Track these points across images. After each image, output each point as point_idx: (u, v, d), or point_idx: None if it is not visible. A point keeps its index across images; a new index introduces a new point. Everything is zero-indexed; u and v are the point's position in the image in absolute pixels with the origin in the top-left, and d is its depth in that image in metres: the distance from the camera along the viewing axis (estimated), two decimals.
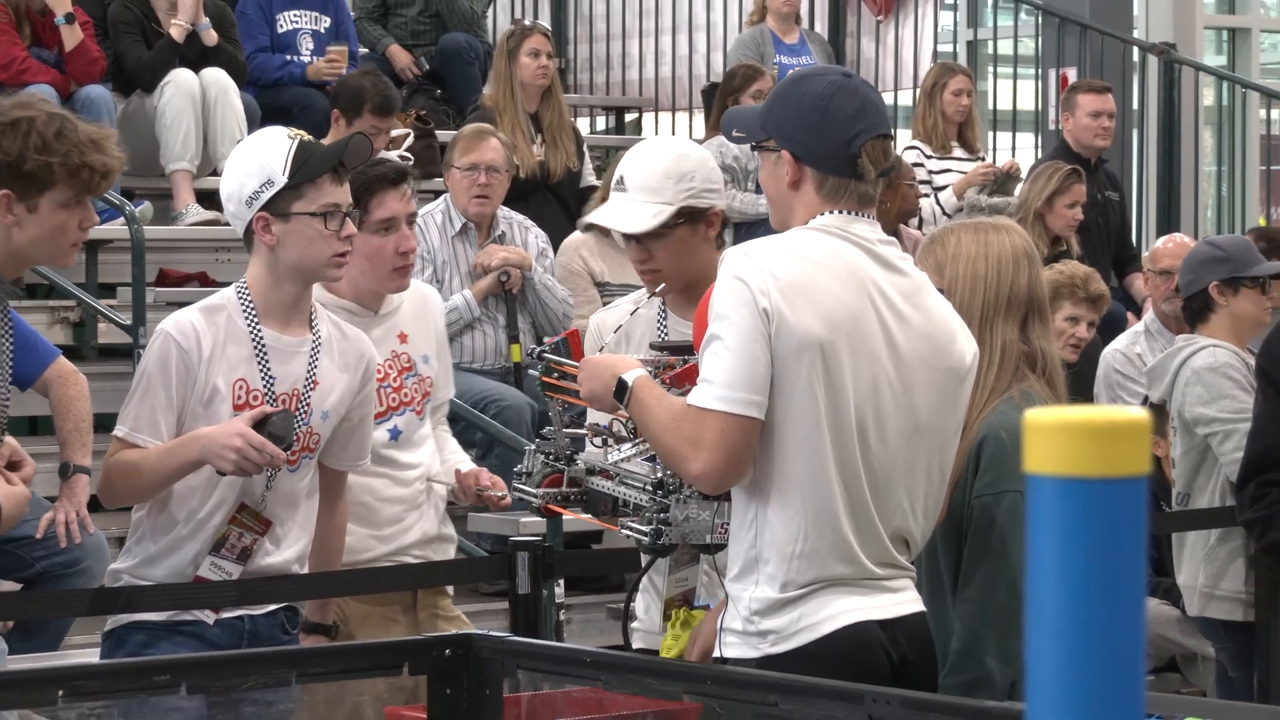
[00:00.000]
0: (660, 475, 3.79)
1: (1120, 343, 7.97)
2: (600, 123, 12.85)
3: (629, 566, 5.17)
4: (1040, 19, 12.03)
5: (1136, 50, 12.01)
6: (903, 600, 3.78)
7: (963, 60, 12.87)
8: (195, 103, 8.99)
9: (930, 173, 10.22)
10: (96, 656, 4.72)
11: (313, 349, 4.53)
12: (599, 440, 3.97)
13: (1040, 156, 10.72)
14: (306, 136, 4.52)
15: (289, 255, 4.45)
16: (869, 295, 3.70)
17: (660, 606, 4.29)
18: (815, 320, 3.63)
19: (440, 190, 8.19)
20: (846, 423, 3.66)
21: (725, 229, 4.80)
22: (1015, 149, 12.00)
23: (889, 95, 11.77)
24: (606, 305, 5.35)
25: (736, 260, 3.65)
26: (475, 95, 10.01)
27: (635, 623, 4.49)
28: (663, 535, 3.76)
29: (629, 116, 12.82)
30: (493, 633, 3.69)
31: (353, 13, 10.46)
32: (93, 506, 5.36)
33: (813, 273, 3.66)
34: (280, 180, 4.41)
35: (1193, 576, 6.34)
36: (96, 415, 5.59)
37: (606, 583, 7.60)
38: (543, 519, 5.87)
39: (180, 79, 8.99)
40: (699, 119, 11.89)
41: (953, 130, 10.36)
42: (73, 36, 8.79)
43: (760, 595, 3.68)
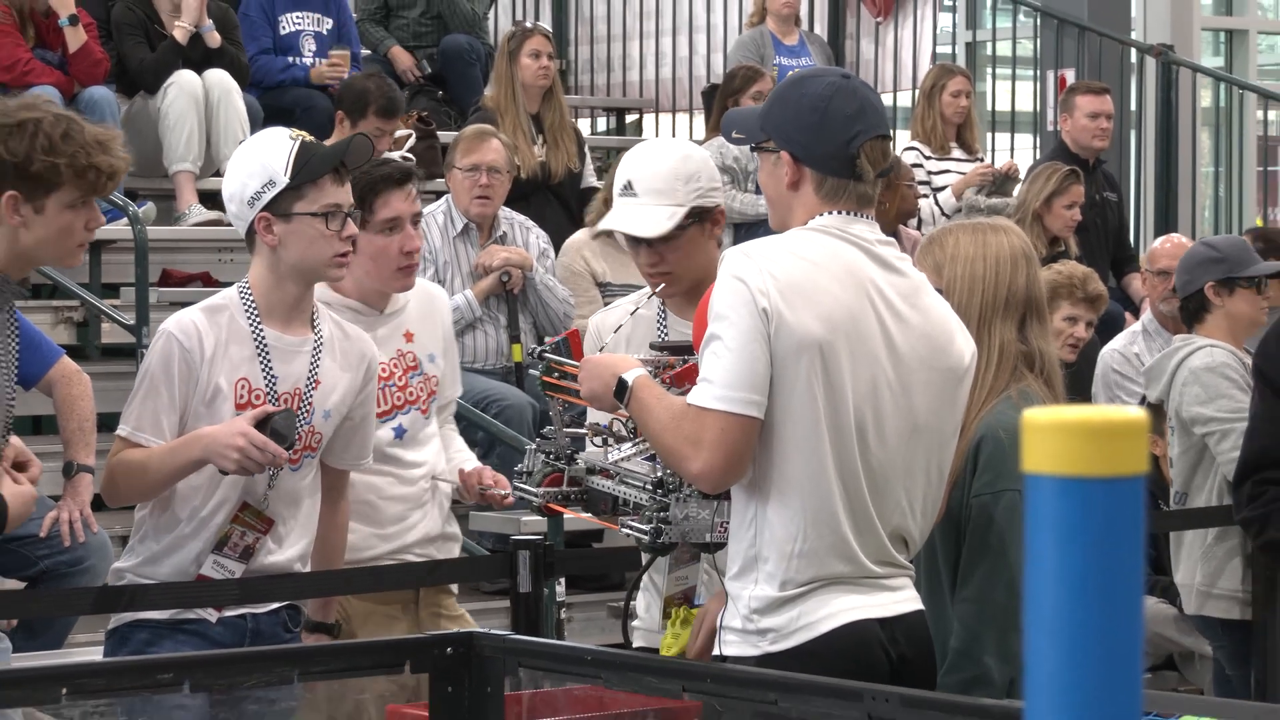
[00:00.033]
0: (660, 474, 3.79)
1: (1118, 342, 7.96)
2: (601, 124, 12.83)
3: (629, 565, 5.16)
4: (1039, 20, 12.00)
5: (1134, 51, 11.97)
6: (901, 599, 3.78)
7: (961, 62, 12.86)
8: (198, 104, 8.97)
9: (929, 173, 10.21)
10: (100, 655, 4.72)
11: (315, 348, 4.54)
12: (599, 440, 3.97)
13: (1039, 157, 10.71)
14: (308, 137, 4.52)
15: (290, 255, 4.45)
16: (868, 295, 3.70)
17: (660, 605, 4.28)
18: (814, 320, 3.63)
19: (442, 191, 8.19)
20: (845, 422, 3.66)
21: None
22: (1014, 150, 11.99)
23: (888, 96, 11.77)
24: (606, 306, 5.36)
25: (736, 261, 3.65)
26: (477, 96, 9.99)
27: (635, 621, 4.48)
28: (663, 534, 3.75)
29: (629, 118, 12.80)
30: (494, 631, 3.71)
31: (355, 14, 10.45)
32: (96, 505, 5.37)
33: (812, 273, 3.66)
34: (282, 181, 4.42)
35: (1190, 575, 6.33)
36: (100, 415, 5.57)
37: (607, 581, 7.58)
38: (544, 518, 5.88)
39: (183, 80, 8.98)
40: (699, 120, 11.88)
41: (951, 131, 10.35)
42: (76, 38, 8.78)
43: (759, 594, 3.68)
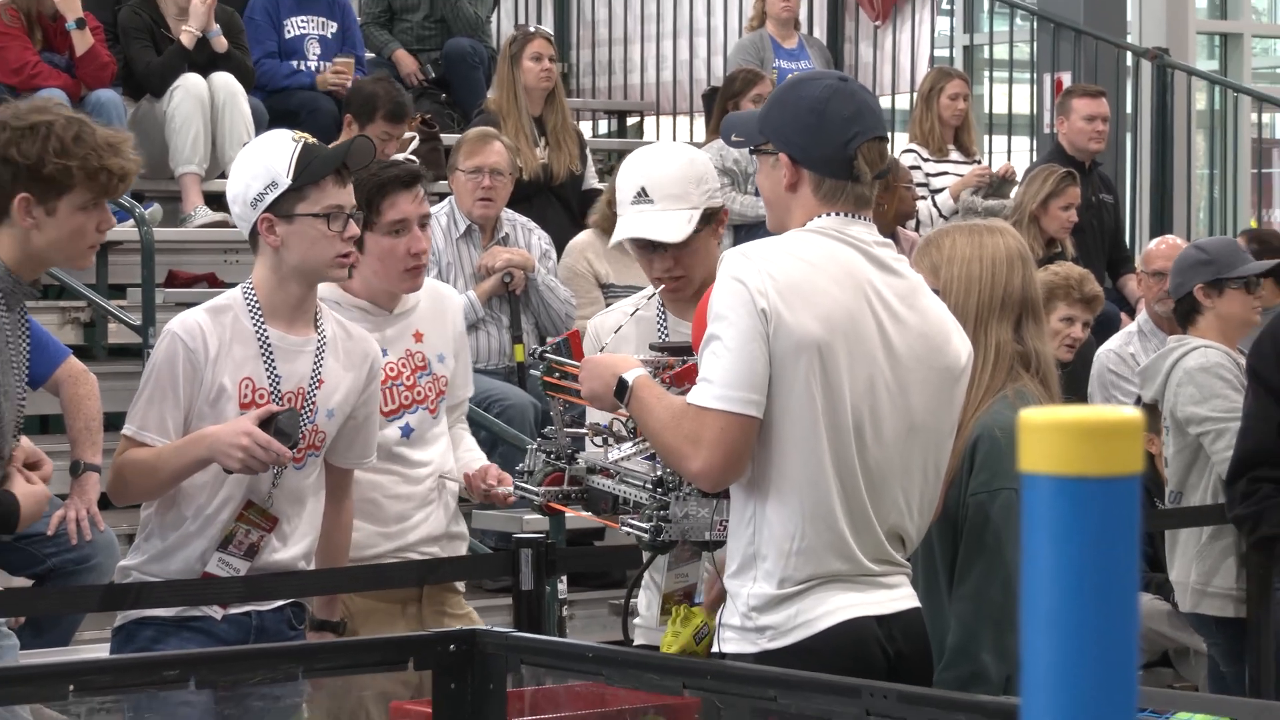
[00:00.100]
0: (660, 473, 3.79)
1: (1114, 343, 7.95)
2: (602, 126, 12.82)
3: (630, 563, 5.15)
4: (1035, 24, 11.98)
5: (1130, 55, 11.95)
6: (898, 596, 3.79)
7: (959, 65, 12.88)
8: (204, 107, 8.99)
9: (927, 175, 10.23)
10: (106, 652, 4.74)
11: (318, 348, 4.56)
12: (599, 439, 3.97)
13: (1035, 160, 10.69)
14: (310, 139, 4.54)
15: (293, 256, 4.47)
16: (865, 296, 3.71)
17: (660, 602, 4.29)
18: (813, 321, 3.64)
19: (445, 193, 8.21)
20: (843, 422, 3.67)
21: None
22: (1011, 152, 12.00)
23: (887, 99, 11.80)
24: (607, 308, 5.37)
25: (735, 262, 3.67)
26: (480, 99, 10.00)
27: (636, 618, 4.49)
28: (663, 532, 3.76)
29: (630, 120, 12.80)
30: (496, 628, 3.72)
31: (359, 18, 10.46)
32: (103, 504, 5.37)
33: (810, 274, 3.67)
34: (284, 182, 4.44)
35: (1185, 573, 6.32)
36: (106, 414, 5.58)
37: (608, 579, 7.58)
38: (545, 516, 5.90)
39: (189, 83, 9.01)
40: (699, 122, 11.90)
41: (949, 134, 10.37)
42: (83, 41, 8.80)
43: (758, 591, 3.69)
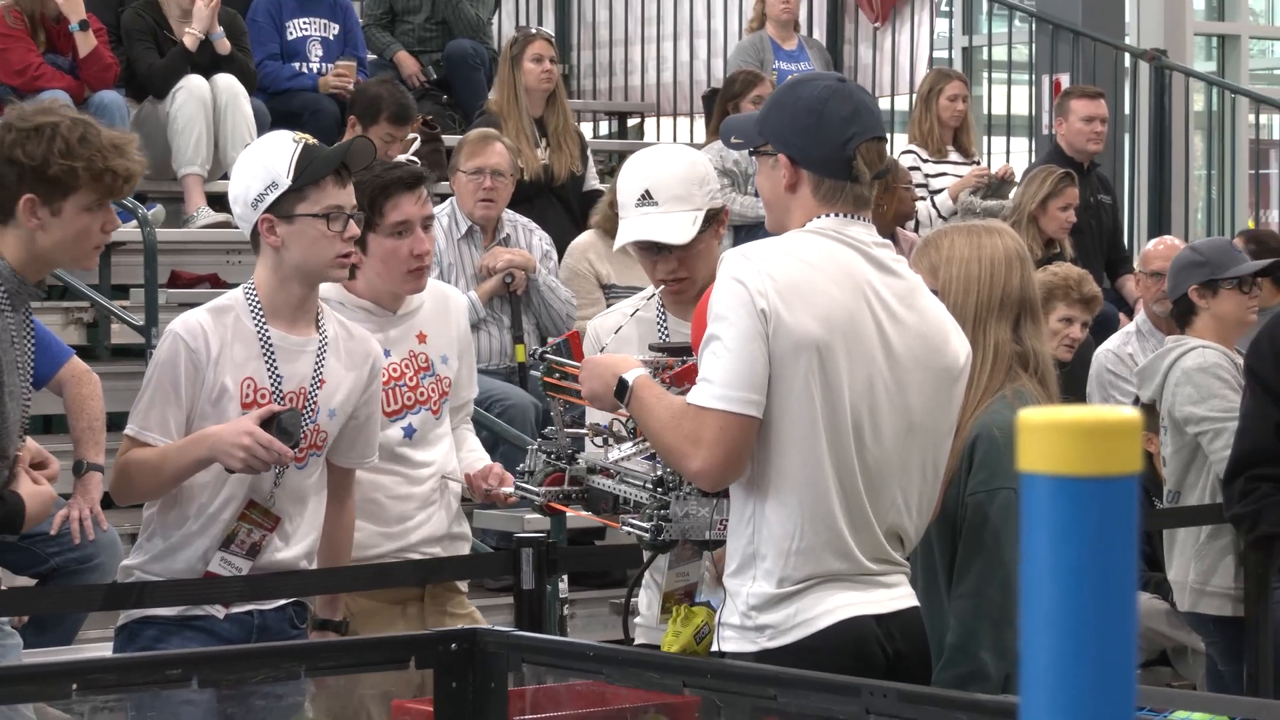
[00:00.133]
0: (660, 473, 3.79)
1: (1112, 343, 7.97)
2: (603, 127, 12.83)
3: (631, 562, 5.15)
4: (1034, 26, 11.98)
5: (1128, 56, 11.96)
6: (897, 595, 3.80)
7: (958, 66, 12.92)
8: (206, 108, 9.01)
9: (926, 176, 10.25)
10: (109, 651, 4.75)
11: (319, 348, 4.57)
12: (599, 439, 3.97)
13: (1034, 160, 10.70)
14: (311, 140, 4.55)
15: (293, 256, 4.48)
16: (864, 297, 3.72)
17: (661, 601, 4.28)
18: (812, 321, 3.65)
19: (446, 194, 8.24)
20: (842, 422, 3.68)
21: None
22: (1009, 153, 12.02)
23: (886, 100, 11.82)
24: (607, 309, 5.39)
25: (735, 262, 3.68)
26: (481, 100, 10.02)
27: (637, 618, 4.50)
28: (663, 531, 3.76)
29: (631, 122, 12.81)
30: (497, 627, 3.72)
31: (361, 20, 10.48)
32: (105, 504, 5.39)
33: (809, 275, 3.68)
34: (284, 183, 4.45)
35: (1183, 572, 6.32)
36: (110, 414, 5.61)
37: (609, 578, 7.58)
38: (546, 516, 5.91)
39: (192, 85, 9.03)
40: (699, 124, 11.92)
41: (948, 135, 10.39)
42: (87, 43, 8.82)
43: (757, 590, 3.70)
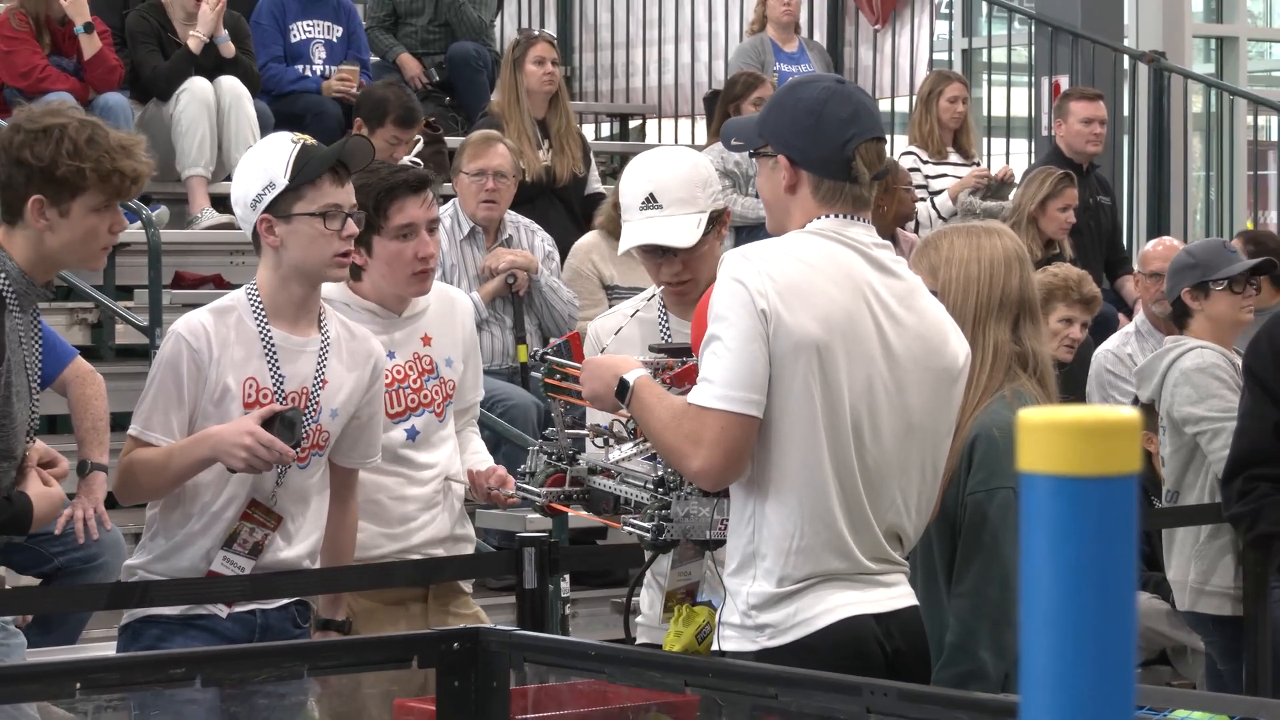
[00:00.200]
0: (661, 473, 3.80)
1: (1111, 343, 7.98)
2: (605, 129, 12.84)
3: (633, 562, 5.16)
4: (1033, 28, 11.99)
5: (1127, 58, 11.97)
6: (896, 595, 3.81)
7: (958, 68, 12.92)
8: (210, 110, 9.04)
9: (926, 178, 10.26)
10: (113, 650, 4.77)
11: (321, 348, 4.58)
12: (600, 440, 3.97)
13: (1033, 162, 10.70)
14: (310, 140, 4.56)
15: (291, 256, 4.49)
16: (864, 297, 3.73)
17: (663, 601, 4.33)
18: (812, 322, 3.66)
19: (449, 195, 8.27)
20: (842, 422, 3.68)
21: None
22: (1009, 154, 12.04)
23: (886, 102, 11.84)
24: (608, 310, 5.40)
25: (735, 263, 3.68)
26: (483, 102, 10.04)
27: (638, 617, 4.52)
28: (664, 531, 3.76)
29: (633, 123, 12.83)
30: (500, 627, 3.73)
31: (364, 22, 10.49)
32: (109, 503, 5.40)
33: (809, 275, 3.69)
34: (281, 182, 4.46)
35: (1183, 572, 6.33)
36: (114, 414, 5.61)
37: (611, 578, 7.58)
38: (548, 517, 5.92)
39: (195, 87, 9.05)
40: (700, 125, 11.93)
41: (948, 136, 10.40)
42: (91, 45, 8.84)
43: (757, 590, 3.71)
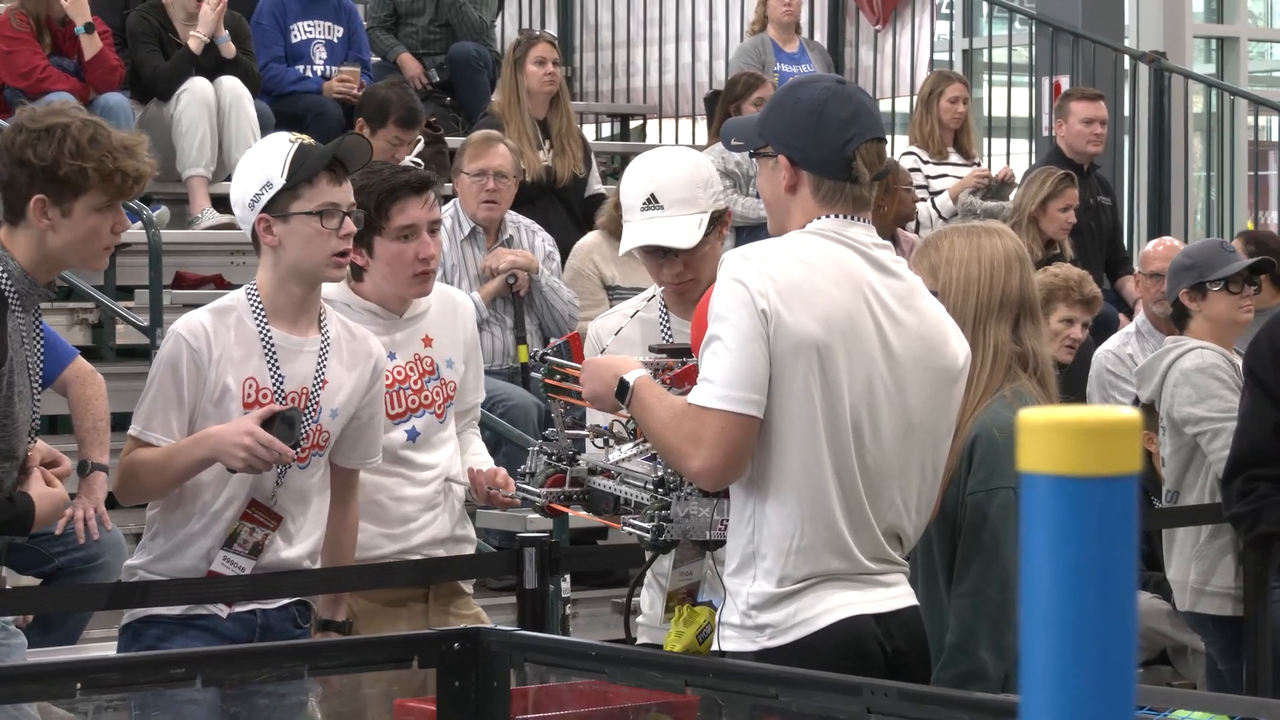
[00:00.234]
0: (661, 473, 3.80)
1: (1112, 343, 7.98)
2: (605, 129, 12.85)
3: (633, 562, 5.15)
4: (1034, 28, 12.00)
5: (1128, 59, 11.97)
6: (896, 594, 3.81)
7: (959, 68, 12.92)
8: (210, 111, 9.05)
9: (927, 178, 10.27)
10: (114, 650, 4.77)
11: (321, 348, 4.58)
12: (600, 441, 3.97)
13: (1034, 162, 10.71)
14: (308, 140, 4.57)
15: (289, 255, 4.49)
16: (864, 297, 3.73)
17: (663, 601, 4.29)
18: (812, 322, 3.66)
19: (449, 195, 8.28)
20: (842, 422, 3.69)
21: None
22: (1010, 155, 12.04)
23: (887, 102, 11.85)
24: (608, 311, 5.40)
25: (735, 263, 3.69)
26: (484, 103, 10.05)
27: (639, 617, 4.52)
28: (664, 532, 3.76)
29: (634, 123, 12.84)
30: (500, 627, 3.74)
31: (365, 22, 10.49)
32: (110, 503, 5.40)
33: (809, 275, 3.69)
34: (279, 182, 4.46)
35: (1183, 572, 6.33)
36: (114, 414, 5.61)
37: (611, 578, 7.58)
38: (548, 518, 5.92)
39: (196, 87, 9.06)
40: (701, 126, 11.94)
41: (949, 136, 10.41)
42: (92, 45, 8.85)
43: (757, 590, 3.71)
